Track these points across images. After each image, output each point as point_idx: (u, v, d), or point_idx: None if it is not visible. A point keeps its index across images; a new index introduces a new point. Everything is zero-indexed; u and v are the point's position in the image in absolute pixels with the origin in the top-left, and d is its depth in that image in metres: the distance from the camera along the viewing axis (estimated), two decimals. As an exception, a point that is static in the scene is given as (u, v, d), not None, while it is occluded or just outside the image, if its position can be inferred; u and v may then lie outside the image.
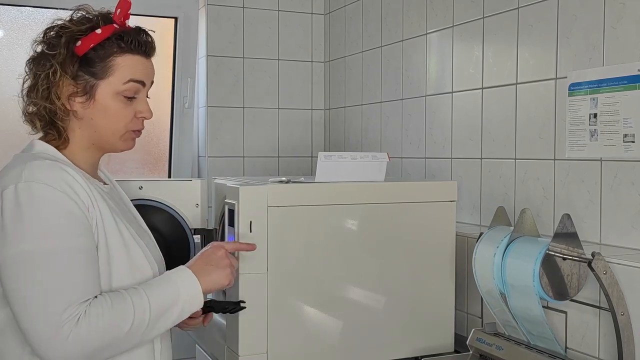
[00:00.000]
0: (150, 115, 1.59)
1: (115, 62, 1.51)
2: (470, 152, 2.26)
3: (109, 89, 1.51)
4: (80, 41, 1.49)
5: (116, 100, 1.52)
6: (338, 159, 1.96)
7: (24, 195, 1.36)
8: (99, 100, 1.51)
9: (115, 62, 1.51)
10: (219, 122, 3.08)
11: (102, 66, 1.50)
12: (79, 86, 1.49)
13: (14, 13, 2.79)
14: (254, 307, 1.79)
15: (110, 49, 1.50)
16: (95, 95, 1.50)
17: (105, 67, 1.50)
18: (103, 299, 1.38)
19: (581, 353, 1.72)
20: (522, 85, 2.04)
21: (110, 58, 1.50)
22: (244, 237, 1.77)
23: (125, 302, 1.40)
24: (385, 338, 1.95)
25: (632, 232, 1.70)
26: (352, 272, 1.91)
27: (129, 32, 1.54)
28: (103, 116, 1.52)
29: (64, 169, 1.43)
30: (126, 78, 1.52)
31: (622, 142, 1.71)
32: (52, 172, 1.40)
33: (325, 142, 3.27)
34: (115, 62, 1.51)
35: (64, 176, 1.41)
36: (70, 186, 1.41)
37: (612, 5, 1.74)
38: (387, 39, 2.73)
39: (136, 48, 1.53)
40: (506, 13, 2.09)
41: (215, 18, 3.06)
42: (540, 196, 1.97)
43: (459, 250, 2.06)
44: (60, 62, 1.48)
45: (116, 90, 1.51)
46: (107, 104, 1.51)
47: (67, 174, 1.42)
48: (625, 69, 1.70)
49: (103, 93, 1.50)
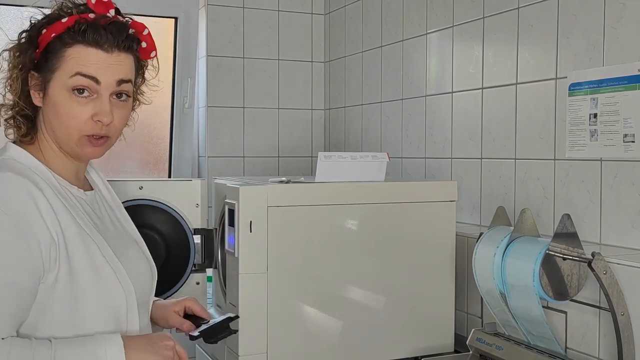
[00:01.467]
0: (108, 119, 1.37)
1: (66, 54, 1.35)
2: (470, 152, 2.26)
3: (57, 83, 1.35)
4: (45, 29, 1.36)
5: (65, 97, 1.35)
6: (338, 159, 1.96)
7: None
8: (51, 96, 1.36)
9: (65, 54, 1.35)
10: (219, 122, 3.08)
11: (56, 58, 1.35)
12: (38, 80, 1.37)
13: (15, 13, 2.79)
14: (254, 307, 1.79)
15: (65, 39, 1.35)
16: (48, 90, 1.36)
17: (57, 59, 1.35)
18: (4, 343, 1.23)
19: (581, 353, 1.72)
20: (522, 85, 2.04)
21: (63, 49, 1.35)
22: (244, 237, 1.77)
23: (26, 354, 1.24)
24: (385, 338, 1.95)
25: (632, 232, 1.70)
26: (352, 272, 1.91)
27: (90, 22, 1.36)
28: (54, 114, 1.36)
29: (28, 188, 1.29)
30: (73, 71, 1.34)
31: (622, 142, 1.71)
32: (11, 191, 1.27)
33: (325, 142, 3.27)
34: (65, 54, 1.35)
35: (24, 198, 1.28)
36: (25, 212, 1.27)
37: (612, 5, 1.74)
38: (387, 39, 2.73)
39: (89, 39, 1.35)
40: (506, 13, 2.09)
41: (216, 18, 3.06)
42: (540, 196, 1.97)
43: (459, 250, 2.06)
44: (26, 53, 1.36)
45: (64, 85, 1.34)
46: (57, 101, 1.35)
47: (28, 197, 1.28)
48: (625, 69, 1.70)
49: (54, 87, 1.35)
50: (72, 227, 1.34)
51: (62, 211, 1.34)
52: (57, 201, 1.34)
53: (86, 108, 1.36)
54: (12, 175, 1.30)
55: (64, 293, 1.32)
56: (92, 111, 1.36)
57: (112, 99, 1.39)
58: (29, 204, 1.28)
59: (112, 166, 3.04)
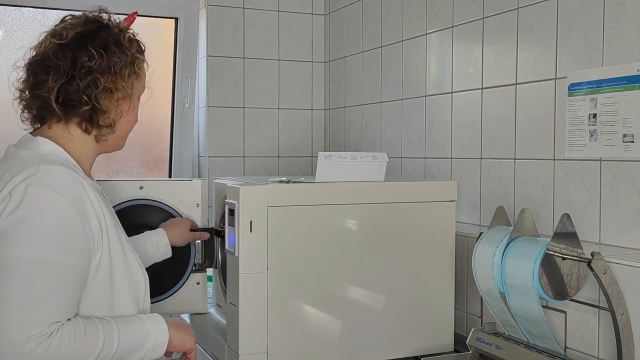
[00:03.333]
0: None
1: (143, 66, 1.56)
2: (470, 152, 2.27)
3: (139, 88, 1.57)
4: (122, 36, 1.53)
5: (138, 103, 1.59)
6: (338, 159, 1.96)
7: (33, 200, 1.34)
8: (134, 102, 1.56)
9: (142, 66, 1.56)
10: (219, 122, 3.08)
11: (135, 66, 1.53)
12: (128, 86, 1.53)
13: (15, 13, 2.79)
14: (254, 307, 1.79)
15: (137, 52, 1.54)
16: (133, 92, 1.55)
17: (137, 67, 1.54)
18: (77, 323, 1.36)
19: (581, 353, 1.72)
20: (522, 86, 2.04)
21: (139, 61, 1.55)
22: (244, 237, 1.77)
23: (97, 332, 1.38)
24: (385, 338, 1.95)
25: (632, 232, 1.70)
26: (352, 271, 1.91)
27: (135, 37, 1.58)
28: (130, 117, 1.57)
29: (79, 181, 1.41)
30: (144, 83, 1.59)
31: (621, 142, 1.72)
32: (67, 182, 1.39)
33: (325, 142, 3.27)
34: (142, 66, 1.56)
35: (78, 189, 1.40)
36: (81, 201, 1.39)
37: (612, 5, 1.74)
38: (387, 39, 2.73)
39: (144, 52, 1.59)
40: (506, 13, 2.09)
41: (216, 18, 3.06)
42: (539, 196, 1.97)
43: (459, 250, 2.06)
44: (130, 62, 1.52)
45: (140, 93, 1.59)
46: (136, 105, 1.58)
47: (81, 187, 1.41)
48: (624, 69, 1.70)
49: (136, 92, 1.57)
50: (106, 215, 1.47)
51: (97, 200, 1.46)
52: (92, 191, 1.45)
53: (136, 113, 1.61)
54: (62, 167, 1.41)
55: (103, 276, 1.44)
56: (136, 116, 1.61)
57: None
58: (82, 191, 1.41)
59: (112, 166, 3.04)
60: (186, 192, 2.11)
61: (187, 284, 2.10)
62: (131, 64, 1.52)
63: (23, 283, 1.31)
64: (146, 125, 3.10)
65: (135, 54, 1.53)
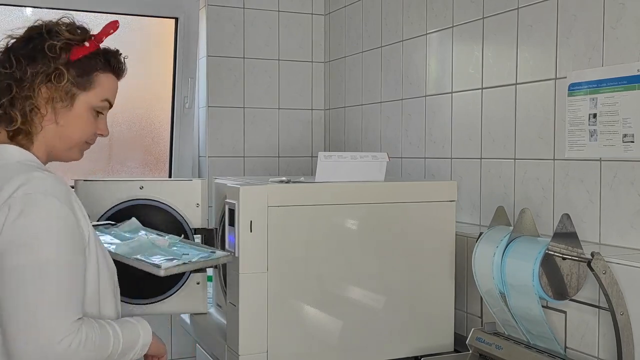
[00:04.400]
0: (107, 133, 1.63)
1: (98, 78, 1.56)
2: (470, 152, 2.27)
3: (86, 101, 1.54)
4: (72, 49, 1.53)
5: (88, 114, 1.55)
6: (338, 159, 1.96)
7: (36, 206, 1.37)
8: (75, 110, 1.53)
9: (98, 78, 1.55)
10: (219, 122, 3.08)
11: (86, 79, 1.53)
12: (61, 91, 1.51)
13: (16, 14, 2.79)
14: (254, 307, 1.79)
15: (95, 64, 1.55)
16: (74, 104, 1.53)
17: (88, 80, 1.54)
18: (90, 320, 1.42)
19: (581, 353, 1.72)
20: (522, 85, 2.04)
21: (95, 73, 1.55)
22: (244, 237, 1.77)
23: (107, 329, 1.44)
24: (385, 338, 1.95)
25: (632, 232, 1.70)
26: (352, 271, 1.91)
27: (113, 53, 1.60)
28: (74, 125, 1.54)
29: (65, 184, 1.45)
30: (103, 96, 1.57)
31: (621, 142, 1.72)
32: (58, 186, 1.42)
33: (325, 142, 3.27)
34: (98, 78, 1.55)
35: (70, 194, 1.44)
36: (73, 205, 1.44)
37: (612, 5, 1.74)
38: (387, 39, 2.73)
39: (116, 70, 1.60)
40: (506, 13, 2.09)
41: (216, 18, 3.06)
42: (539, 196, 1.97)
43: (459, 250, 2.06)
44: (62, 65, 1.50)
45: (92, 105, 1.55)
46: (81, 115, 1.54)
47: (69, 190, 1.45)
48: (624, 69, 1.70)
49: (81, 104, 1.54)
50: (86, 216, 1.50)
51: (79, 203, 1.50)
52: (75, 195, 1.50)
53: (95, 124, 1.58)
54: (48, 174, 1.45)
55: (93, 275, 1.49)
56: (96, 127, 1.59)
57: None
58: (72, 196, 1.46)
59: (112, 166, 3.04)
60: (186, 192, 2.12)
61: (187, 284, 2.10)
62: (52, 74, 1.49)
63: (48, 285, 1.35)
64: (146, 125, 3.10)
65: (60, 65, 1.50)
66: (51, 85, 1.49)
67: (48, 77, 1.49)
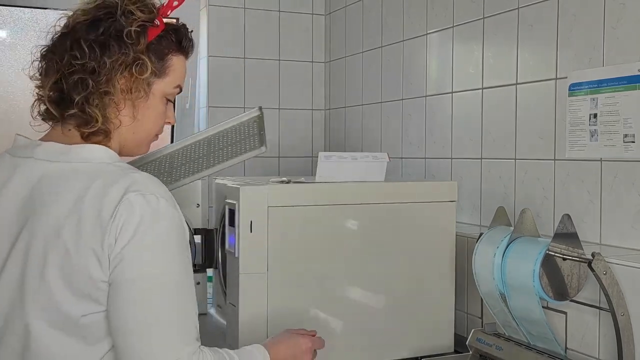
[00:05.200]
0: (175, 121, 1.45)
1: (172, 62, 1.36)
2: (470, 152, 2.26)
3: (161, 90, 1.35)
4: (148, 31, 1.30)
5: (162, 103, 1.37)
6: (338, 159, 1.96)
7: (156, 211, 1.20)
8: (150, 101, 1.34)
9: (171, 62, 1.35)
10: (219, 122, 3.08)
11: (161, 64, 1.33)
12: (142, 83, 1.31)
13: (17, 14, 2.79)
14: (254, 307, 1.79)
15: (168, 45, 1.34)
16: (150, 93, 1.33)
17: (163, 66, 1.34)
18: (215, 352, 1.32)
19: (581, 353, 1.72)
20: (522, 86, 2.04)
21: (169, 56, 1.35)
22: (244, 237, 1.77)
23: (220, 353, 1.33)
24: (385, 338, 1.95)
25: (632, 233, 1.70)
26: (352, 272, 1.91)
27: (183, 30, 1.38)
28: (148, 117, 1.35)
29: None
30: (176, 82, 1.38)
31: (622, 142, 1.71)
32: (163, 188, 1.26)
33: (325, 142, 3.27)
34: (171, 62, 1.35)
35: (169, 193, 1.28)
36: None
37: (612, 5, 1.74)
38: (387, 39, 2.73)
39: (187, 49, 1.39)
40: (506, 13, 2.09)
41: (216, 18, 3.06)
42: (540, 196, 1.97)
43: (459, 250, 2.06)
44: (142, 53, 1.29)
45: (166, 93, 1.37)
46: (156, 106, 1.36)
47: None
48: (625, 69, 1.70)
49: (156, 93, 1.34)
50: None
51: None
52: None
53: (165, 114, 1.40)
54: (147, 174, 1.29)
55: None
56: (166, 116, 1.41)
57: None
58: None
59: (112, 166, 3.04)
60: (186, 192, 2.11)
61: (187, 284, 2.10)
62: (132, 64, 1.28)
63: (168, 301, 1.22)
64: (146, 126, 3.10)
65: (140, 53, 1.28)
66: (130, 76, 1.28)
67: (128, 67, 1.27)
